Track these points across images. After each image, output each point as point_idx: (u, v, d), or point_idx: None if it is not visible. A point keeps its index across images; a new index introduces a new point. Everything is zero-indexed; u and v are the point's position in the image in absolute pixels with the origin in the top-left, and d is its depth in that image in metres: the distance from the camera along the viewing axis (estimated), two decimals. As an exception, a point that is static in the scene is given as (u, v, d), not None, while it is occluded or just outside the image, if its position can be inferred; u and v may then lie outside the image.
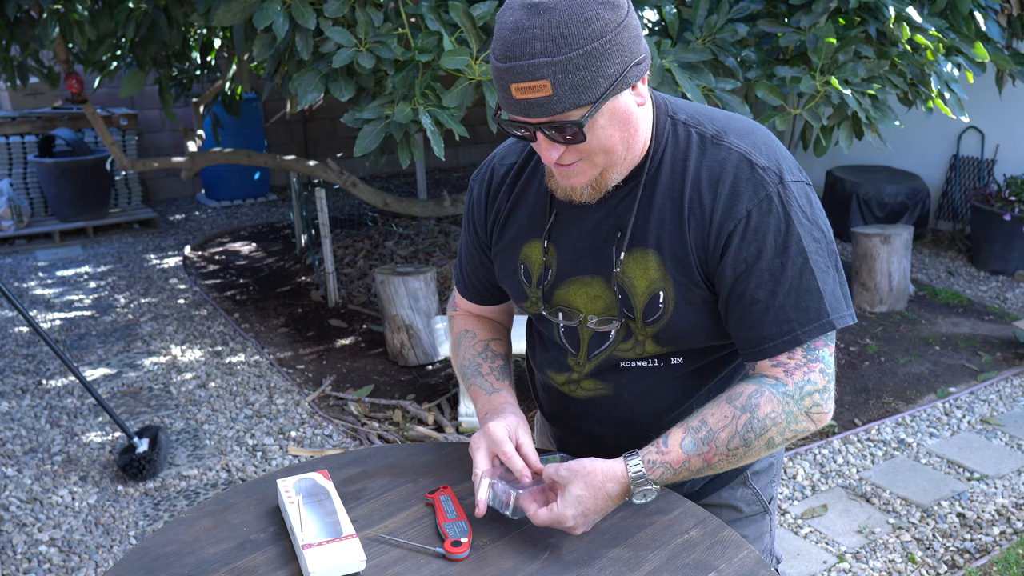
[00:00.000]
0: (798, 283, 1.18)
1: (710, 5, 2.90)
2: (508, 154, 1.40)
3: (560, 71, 1.07)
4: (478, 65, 2.57)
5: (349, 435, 3.53)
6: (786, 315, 1.18)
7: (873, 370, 4.04)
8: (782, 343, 1.19)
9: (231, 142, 6.52)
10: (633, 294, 1.26)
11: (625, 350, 1.32)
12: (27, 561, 2.80)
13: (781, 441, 1.21)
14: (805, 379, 1.20)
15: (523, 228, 1.36)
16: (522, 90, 1.09)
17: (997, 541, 2.83)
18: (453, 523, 1.26)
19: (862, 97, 2.81)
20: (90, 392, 3.17)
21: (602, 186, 1.22)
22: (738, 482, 1.48)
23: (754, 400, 1.19)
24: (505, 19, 1.10)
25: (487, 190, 1.40)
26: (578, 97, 1.09)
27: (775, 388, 1.20)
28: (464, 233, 1.48)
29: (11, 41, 4.14)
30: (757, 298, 1.19)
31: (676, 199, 1.22)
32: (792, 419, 1.20)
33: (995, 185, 5.55)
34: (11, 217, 6.25)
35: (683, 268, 1.22)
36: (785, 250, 1.17)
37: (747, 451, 1.20)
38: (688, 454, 1.19)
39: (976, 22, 3.19)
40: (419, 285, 4.04)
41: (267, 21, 2.68)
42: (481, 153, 8.77)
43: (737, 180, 1.19)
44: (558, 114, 1.10)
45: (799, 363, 1.20)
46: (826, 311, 1.19)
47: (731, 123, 1.24)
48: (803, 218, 1.18)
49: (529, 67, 1.07)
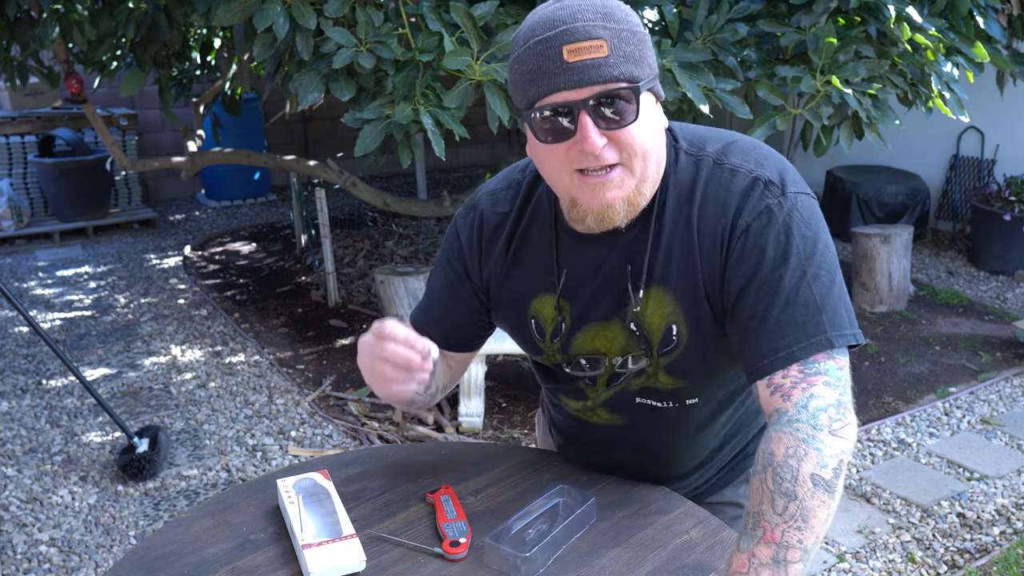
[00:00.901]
0: (795, 297, 1.11)
1: (710, 5, 2.90)
2: (498, 201, 1.30)
3: (615, 36, 1.05)
4: (479, 65, 2.57)
5: (349, 435, 3.53)
6: (782, 330, 1.10)
7: (873, 370, 4.04)
8: (777, 360, 1.11)
9: (231, 142, 6.52)
10: (649, 329, 1.22)
11: (639, 384, 1.28)
12: (27, 561, 2.80)
13: (831, 474, 1.04)
14: (806, 396, 1.08)
15: (530, 283, 1.29)
16: (575, 51, 1.03)
17: (997, 541, 2.83)
18: (452, 523, 1.26)
19: (862, 97, 2.81)
20: (90, 392, 3.17)
21: (637, 204, 1.15)
22: (741, 480, 1.48)
23: (767, 451, 1.07)
24: (542, 8, 1.08)
25: (479, 238, 1.31)
26: (631, 69, 1.05)
27: (777, 424, 1.08)
28: (441, 275, 1.37)
29: (11, 41, 4.14)
30: (755, 313, 1.13)
31: (684, 228, 1.18)
32: (820, 445, 1.05)
33: (995, 185, 5.55)
34: (11, 217, 6.25)
35: (692, 300, 1.18)
36: (784, 262, 1.11)
37: (801, 503, 1.03)
38: (748, 550, 1.03)
39: (975, 22, 3.20)
40: (419, 285, 4.04)
41: (267, 21, 2.68)
42: (481, 153, 8.77)
43: (741, 198, 1.15)
44: (612, 81, 1.04)
45: (795, 381, 1.10)
46: (824, 327, 1.10)
47: (731, 142, 1.20)
48: (805, 230, 1.12)
49: (585, 27, 1.04)
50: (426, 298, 1.41)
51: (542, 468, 1.44)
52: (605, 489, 1.36)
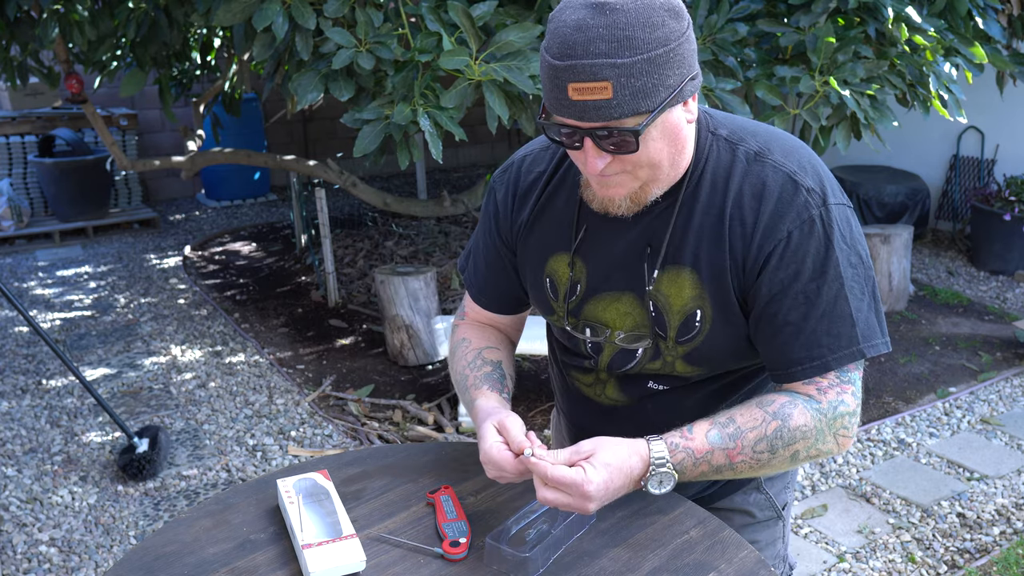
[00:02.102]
0: (832, 308, 1.16)
1: (710, 5, 2.90)
2: (537, 160, 1.35)
3: (623, 74, 1.03)
4: (477, 65, 2.57)
5: (349, 435, 3.53)
6: (817, 340, 1.17)
7: (873, 370, 4.04)
8: (811, 368, 1.18)
9: (231, 142, 6.52)
10: (669, 312, 1.24)
11: (653, 369, 1.30)
12: (27, 561, 2.80)
13: (805, 458, 1.19)
14: (839, 399, 1.18)
15: (549, 240, 1.32)
16: (580, 91, 1.05)
17: (997, 541, 2.83)
18: (452, 523, 1.26)
19: (861, 97, 2.81)
20: (90, 392, 3.17)
21: (642, 200, 1.18)
22: (751, 487, 1.47)
23: (787, 410, 1.17)
24: (565, 17, 1.06)
25: (513, 195, 1.36)
26: (637, 104, 1.05)
27: (809, 403, 1.18)
28: (483, 235, 1.43)
29: (11, 41, 4.14)
30: (789, 320, 1.17)
31: (716, 216, 1.19)
32: (821, 438, 1.18)
33: (995, 185, 5.55)
34: (11, 217, 6.25)
35: (720, 287, 1.20)
36: (823, 274, 1.15)
37: (771, 458, 1.18)
38: (712, 445, 1.16)
39: (974, 22, 3.19)
40: (419, 285, 4.04)
41: (267, 21, 2.68)
42: (481, 154, 8.77)
43: (781, 200, 1.16)
44: (615, 120, 1.06)
45: (832, 383, 1.19)
46: (857, 339, 1.17)
47: (774, 140, 1.21)
48: (843, 243, 1.16)
49: (591, 67, 1.03)
50: (472, 265, 1.47)
51: (542, 468, 1.44)
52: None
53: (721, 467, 1.16)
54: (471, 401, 1.35)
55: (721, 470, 1.17)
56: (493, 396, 1.34)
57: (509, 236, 1.38)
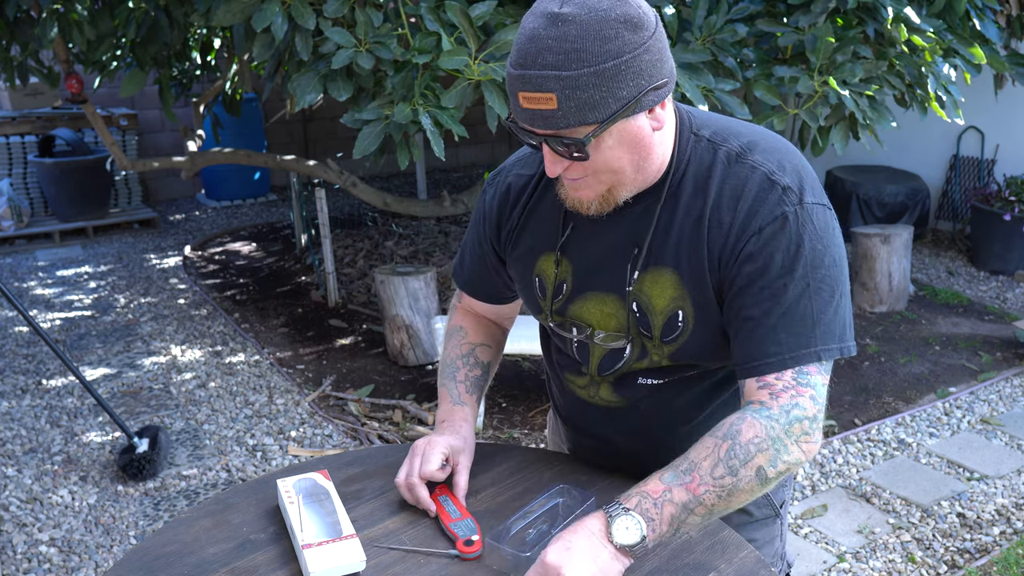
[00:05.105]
0: (795, 307, 1.14)
1: (709, 5, 2.90)
2: (526, 165, 1.37)
3: (567, 87, 1.04)
4: (476, 65, 2.57)
5: (349, 435, 3.53)
6: (776, 337, 1.15)
7: (873, 370, 4.04)
8: (766, 364, 1.16)
9: (231, 142, 6.52)
10: (651, 313, 1.24)
11: (641, 368, 1.31)
12: (27, 561, 2.80)
13: (774, 474, 1.14)
14: (792, 403, 1.15)
15: (537, 241, 1.34)
16: (529, 100, 1.08)
17: (997, 541, 2.83)
18: (459, 522, 1.26)
19: (859, 98, 2.82)
20: (90, 392, 3.17)
21: (611, 202, 1.19)
22: None
23: (735, 427, 1.14)
24: (526, 24, 1.08)
25: (502, 199, 1.38)
26: (584, 115, 1.06)
27: (757, 413, 1.15)
28: (473, 231, 1.46)
29: (11, 41, 4.14)
30: (752, 315, 1.16)
31: (696, 217, 1.20)
32: (782, 447, 1.14)
33: (995, 185, 5.55)
34: (11, 217, 6.25)
35: (700, 287, 1.20)
36: (790, 272, 1.14)
37: (736, 481, 1.12)
38: (667, 484, 1.12)
39: (972, 23, 3.19)
40: (419, 285, 4.04)
41: (266, 22, 2.68)
42: (481, 153, 8.77)
43: (757, 198, 1.16)
44: (561, 129, 1.08)
45: (787, 385, 1.15)
46: (815, 341, 1.15)
47: (757, 139, 1.22)
48: (816, 243, 1.15)
49: (537, 78, 1.05)
50: (460, 257, 1.51)
51: (542, 468, 1.44)
52: (605, 489, 1.36)
53: (689, 504, 1.11)
54: (457, 396, 1.45)
55: (692, 508, 1.12)
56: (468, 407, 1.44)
57: (496, 241, 1.41)
